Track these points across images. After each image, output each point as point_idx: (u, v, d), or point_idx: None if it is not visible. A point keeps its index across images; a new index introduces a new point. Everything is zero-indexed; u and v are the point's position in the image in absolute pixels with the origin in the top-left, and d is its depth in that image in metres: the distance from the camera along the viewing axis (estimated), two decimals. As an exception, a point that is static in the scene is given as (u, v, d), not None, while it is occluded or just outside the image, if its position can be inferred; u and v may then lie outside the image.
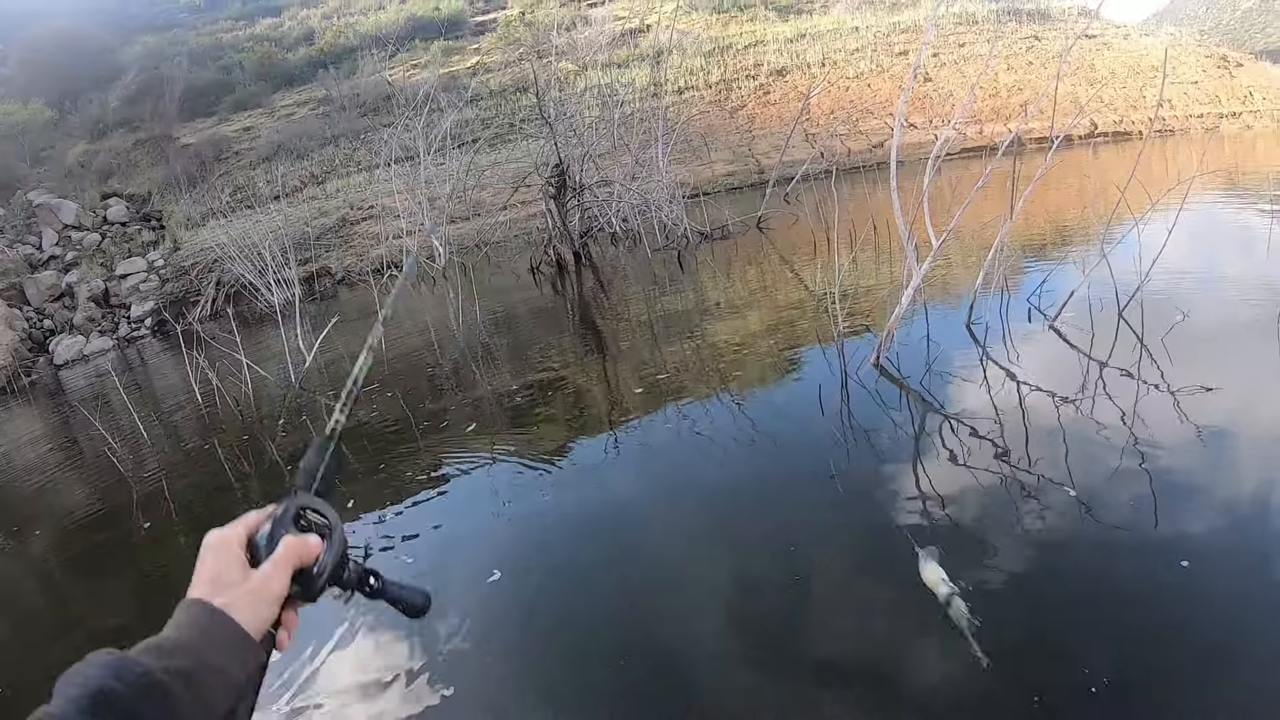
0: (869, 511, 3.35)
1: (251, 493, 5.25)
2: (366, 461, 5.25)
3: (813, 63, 24.51)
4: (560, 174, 11.33)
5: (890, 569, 2.86)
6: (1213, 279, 5.95)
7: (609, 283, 11.05)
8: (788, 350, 5.90)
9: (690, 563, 3.28)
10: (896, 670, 2.42)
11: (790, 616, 2.76)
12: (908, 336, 5.44)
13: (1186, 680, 2.20)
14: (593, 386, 6.17)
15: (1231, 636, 2.31)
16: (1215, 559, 2.64)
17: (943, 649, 2.43)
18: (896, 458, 3.87)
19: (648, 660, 2.68)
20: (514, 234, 17.11)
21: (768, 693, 2.42)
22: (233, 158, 24.74)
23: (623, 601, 3.08)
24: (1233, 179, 11.53)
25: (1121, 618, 2.45)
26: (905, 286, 5.08)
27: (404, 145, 17.18)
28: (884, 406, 4.47)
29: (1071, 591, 2.62)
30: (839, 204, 7.08)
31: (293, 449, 5.95)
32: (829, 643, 2.61)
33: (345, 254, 19.01)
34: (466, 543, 3.89)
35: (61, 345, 17.60)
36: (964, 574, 2.67)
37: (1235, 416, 3.59)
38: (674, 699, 2.47)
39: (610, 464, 4.42)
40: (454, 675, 2.74)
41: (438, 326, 9.51)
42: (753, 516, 3.54)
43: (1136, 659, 2.27)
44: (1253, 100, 23.65)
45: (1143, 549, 2.74)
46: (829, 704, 2.34)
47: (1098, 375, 4.39)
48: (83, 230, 21.88)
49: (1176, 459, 3.29)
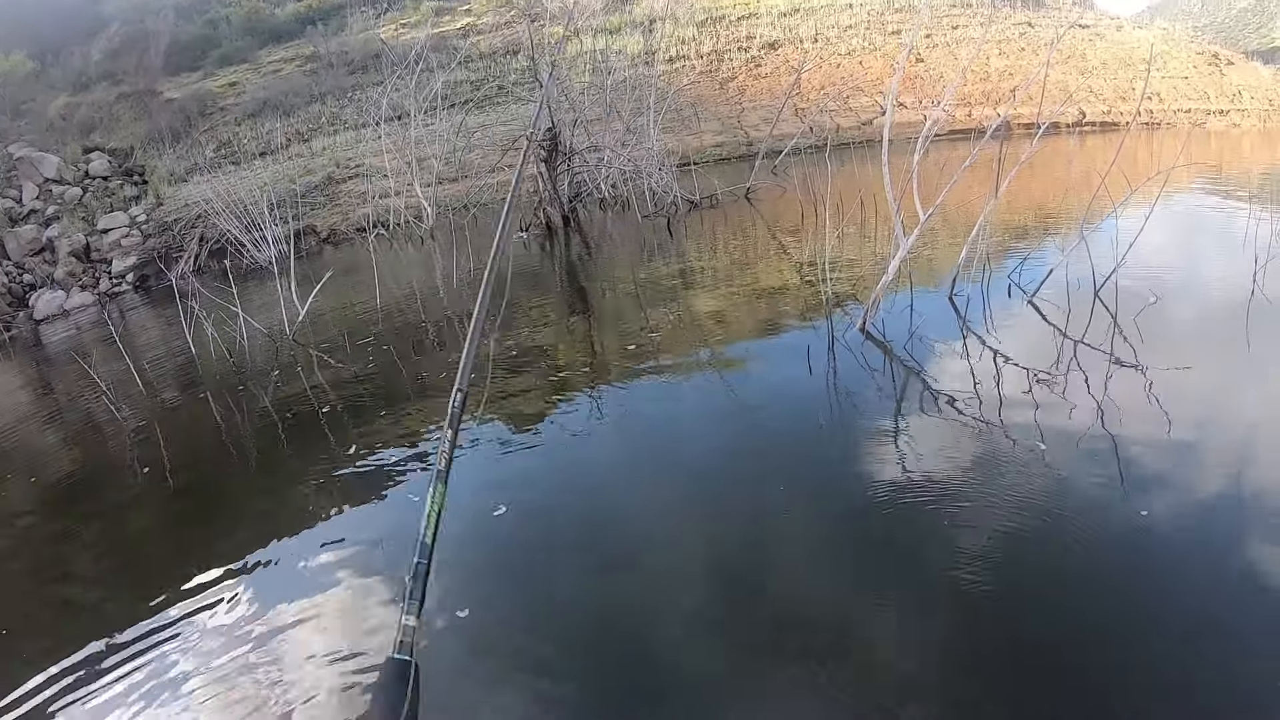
0: (853, 462, 3.54)
1: (245, 441, 5.35)
2: (376, 409, 5.36)
3: (805, 38, 24.45)
4: (552, 137, 11.35)
5: (868, 520, 3.05)
6: (1186, 265, 6.17)
7: (599, 247, 11.14)
8: (777, 314, 6.07)
9: (678, 506, 3.45)
10: (872, 622, 2.60)
11: (772, 562, 2.95)
12: (892, 306, 5.62)
13: (1138, 620, 2.40)
14: (584, 344, 6.31)
15: (1178, 573, 2.53)
16: (1171, 515, 2.85)
17: (921, 600, 2.62)
18: (879, 415, 4.06)
19: (633, 597, 2.85)
20: (500, 197, 17.08)
21: (742, 639, 2.60)
22: (218, 113, 24.31)
23: (612, 544, 3.25)
24: (1215, 173, 11.77)
25: (1084, 563, 2.64)
26: (892, 257, 5.25)
27: (393, 105, 17.01)
28: (869, 369, 4.67)
29: (1037, 542, 2.80)
30: (828, 178, 7.20)
31: (286, 398, 6.04)
32: (801, 586, 2.80)
33: (331, 213, 18.86)
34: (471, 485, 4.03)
35: (42, 300, 17.37)
36: (937, 527, 2.86)
37: (1199, 393, 3.81)
38: (657, 636, 2.64)
39: (603, 416, 4.57)
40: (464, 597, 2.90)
41: (422, 287, 9.58)
42: (744, 464, 3.73)
43: (1095, 603, 2.48)
44: (1241, 99, 23.91)
45: (1105, 502, 2.94)
46: (800, 650, 2.52)
47: (1071, 350, 4.59)
48: (64, 184, 21.47)
49: (1138, 426, 3.49)
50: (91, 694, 2.77)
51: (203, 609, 3.21)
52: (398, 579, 3.16)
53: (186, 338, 7.62)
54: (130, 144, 23.24)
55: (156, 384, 7.29)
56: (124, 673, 2.86)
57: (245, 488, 4.72)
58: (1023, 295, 5.67)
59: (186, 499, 4.61)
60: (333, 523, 3.83)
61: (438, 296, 8.98)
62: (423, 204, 14.72)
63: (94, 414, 6.73)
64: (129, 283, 18.39)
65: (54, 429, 6.81)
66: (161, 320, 12.55)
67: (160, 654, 2.95)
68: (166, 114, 23.76)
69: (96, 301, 17.54)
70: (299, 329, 7.84)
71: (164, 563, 3.81)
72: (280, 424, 5.49)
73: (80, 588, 3.82)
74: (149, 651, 2.97)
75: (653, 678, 2.45)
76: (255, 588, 3.32)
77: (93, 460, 5.69)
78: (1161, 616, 2.40)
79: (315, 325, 8.40)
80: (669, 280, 7.92)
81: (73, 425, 6.75)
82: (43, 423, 7.15)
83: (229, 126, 23.39)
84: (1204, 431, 3.43)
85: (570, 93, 12.89)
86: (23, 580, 3.99)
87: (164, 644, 3.01)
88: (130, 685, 2.78)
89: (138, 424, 6.03)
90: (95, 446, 5.99)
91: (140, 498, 4.74)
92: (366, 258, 12.95)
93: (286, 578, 3.39)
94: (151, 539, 4.23)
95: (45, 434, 6.66)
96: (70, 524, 4.60)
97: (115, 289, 18.19)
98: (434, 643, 2.68)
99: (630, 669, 2.51)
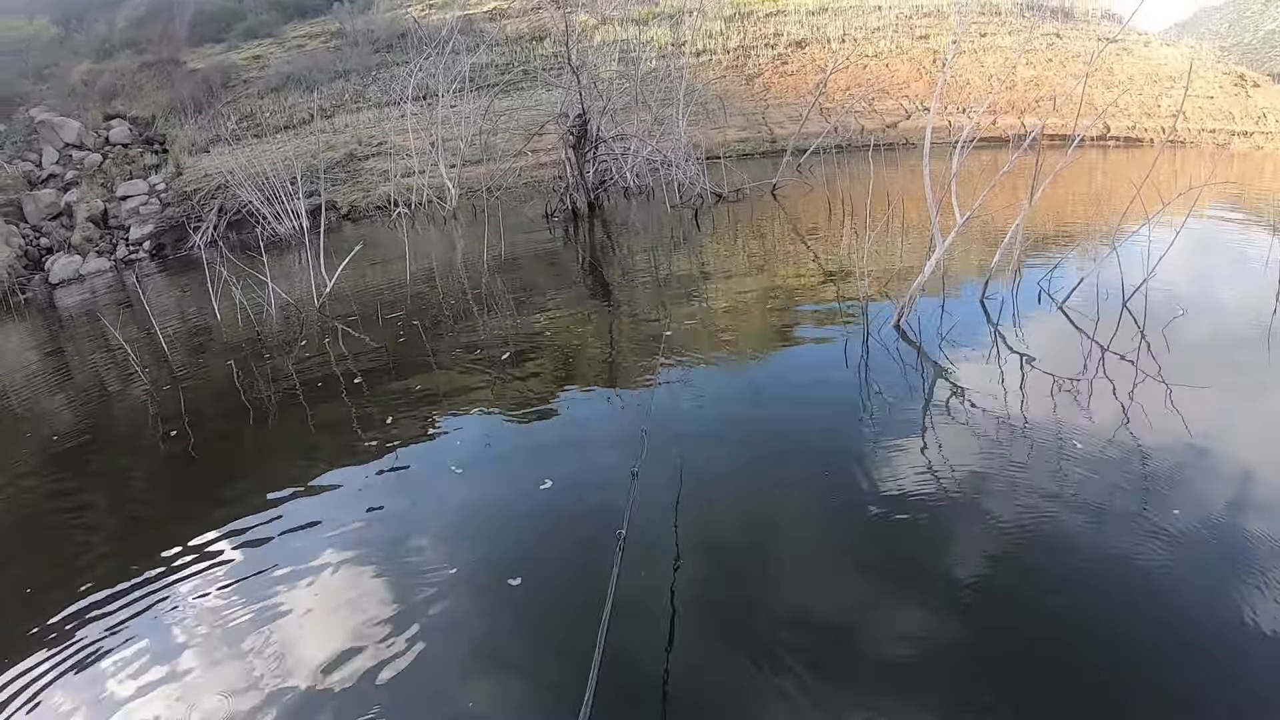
0: (888, 451, 3.58)
1: (266, 407, 5.36)
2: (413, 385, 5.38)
3: (833, 38, 24.35)
4: (582, 124, 11.35)
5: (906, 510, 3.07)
6: (1213, 282, 6.18)
7: (629, 236, 11.16)
8: (811, 308, 6.15)
9: (724, 477, 3.53)
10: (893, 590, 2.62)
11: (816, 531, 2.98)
12: (924, 306, 5.63)
13: (1143, 611, 2.45)
14: (631, 327, 6.37)
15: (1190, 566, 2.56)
16: (1196, 521, 2.86)
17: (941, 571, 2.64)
18: (909, 410, 4.09)
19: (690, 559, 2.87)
20: (523, 181, 17.10)
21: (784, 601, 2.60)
22: (240, 86, 24.31)
23: (661, 513, 3.27)
24: (1240, 194, 11.72)
25: (1100, 557, 2.68)
26: (928, 257, 5.25)
27: (419, 84, 17.00)
28: (902, 365, 4.70)
29: (1055, 542, 2.83)
30: (854, 179, 7.23)
31: (308, 366, 6.07)
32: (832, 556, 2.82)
33: (351, 189, 18.86)
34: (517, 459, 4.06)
35: (58, 264, 17.41)
36: (957, 522, 2.92)
37: (1221, 408, 3.83)
38: (706, 598, 2.66)
39: (654, 396, 4.60)
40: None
41: (444, 266, 9.59)
42: (787, 445, 3.80)
43: (1104, 594, 2.52)
44: (1266, 122, 23.73)
45: (1129, 511, 2.96)
46: (830, 614, 2.54)
47: (1099, 357, 4.60)
48: (84, 150, 21.52)
49: (1160, 436, 3.51)
50: (92, 648, 2.83)
51: (218, 560, 3.27)
52: (401, 549, 3.22)
53: (212, 304, 7.66)
54: (152, 113, 23.27)
55: (179, 348, 7.31)
56: (129, 624, 2.93)
57: (262, 451, 4.74)
58: (1052, 302, 5.67)
59: (202, 459, 4.63)
60: (346, 491, 3.85)
61: (459, 275, 9.00)
62: (447, 184, 14.72)
63: (113, 374, 6.76)
64: (146, 250, 18.43)
65: (72, 388, 6.84)
66: (177, 288, 12.61)
67: (164, 604, 3.02)
68: (189, 84, 23.78)
69: (113, 268, 17.59)
70: (325, 300, 7.86)
71: (169, 520, 3.83)
72: (300, 392, 5.52)
73: (99, 537, 3.84)
74: (150, 598, 3.05)
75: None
76: (256, 552, 3.37)
77: (112, 418, 5.72)
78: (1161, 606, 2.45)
79: (336, 298, 8.42)
80: (706, 271, 7.99)
81: (91, 385, 6.79)
82: (61, 382, 7.17)
83: (251, 99, 23.40)
84: (1228, 444, 3.44)
85: (599, 82, 12.88)
86: (46, 522, 4.02)
87: (171, 594, 3.07)
88: (134, 638, 2.85)
89: (160, 386, 6.06)
90: (116, 405, 6.02)
91: (159, 456, 4.76)
92: (386, 235, 12.97)
93: (292, 542, 3.42)
94: (165, 494, 4.25)
95: (62, 392, 6.69)
96: (81, 482, 4.64)
97: (132, 256, 18.23)
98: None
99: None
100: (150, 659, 2.74)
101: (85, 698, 2.60)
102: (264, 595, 3.00)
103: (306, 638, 2.73)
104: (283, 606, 2.92)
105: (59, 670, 2.74)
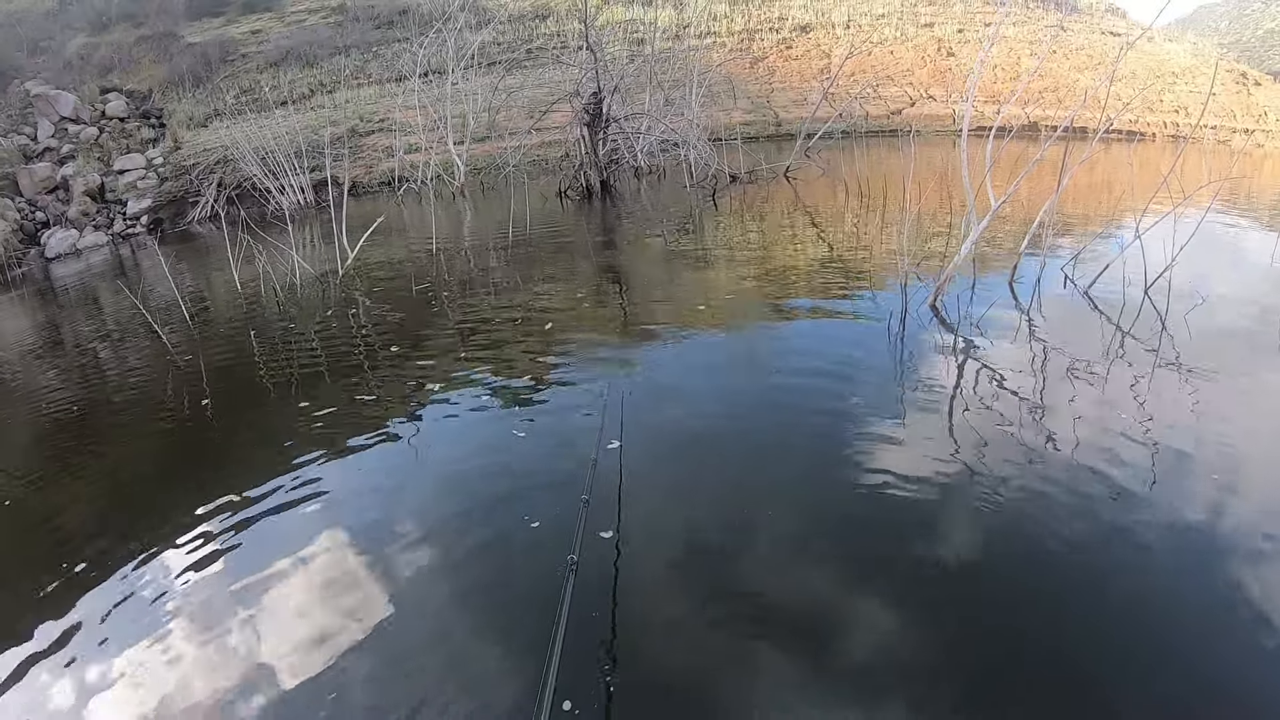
0: (925, 428, 3.63)
1: (294, 379, 5.30)
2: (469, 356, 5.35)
3: (837, 23, 24.27)
4: (597, 102, 11.28)
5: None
6: (1232, 272, 6.26)
7: (653, 213, 11.14)
8: (848, 286, 6.22)
9: (768, 446, 3.56)
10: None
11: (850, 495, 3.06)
12: (956, 286, 5.71)
13: (1152, 587, 2.50)
14: (671, 299, 6.41)
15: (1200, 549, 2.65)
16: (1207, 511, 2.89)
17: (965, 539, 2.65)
18: (943, 387, 4.14)
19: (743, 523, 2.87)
20: (529, 159, 16.99)
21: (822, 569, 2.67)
22: (239, 60, 24.02)
23: (711, 478, 3.32)
24: (1250, 190, 11.81)
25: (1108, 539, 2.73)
26: (964, 239, 5.29)
27: (426, 61, 16.84)
28: (937, 343, 4.76)
29: (1066, 524, 2.84)
30: (861, 163, 7.30)
31: (332, 332, 6.04)
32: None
33: (354, 165, 18.71)
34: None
35: (54, 238, 17.19)
36: (972, 499, 2.99)
37: (1235, 393, 3.90)
38: (755, 567, 2.68)
39: (703, 365, 4.75)
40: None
41: (451, 242, 9.54)
42: (828, 417, 3.83)
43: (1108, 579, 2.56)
44: (1266, 120, 23.86)
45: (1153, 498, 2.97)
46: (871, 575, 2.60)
47: (1120, 341, 4.65)
48: (80, 124, 21.22)
49: (1181, 423, 3.52)
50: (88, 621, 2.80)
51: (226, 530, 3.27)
52: (405, 525, 3.18)
53: (233, 273, 7.59)
54: (149, 86, 22.97)
55: (193, 320, 7.23)
56: (132, 595, 2.91)
57: (276, 421, 4.67)
58: (1076, 287, 5.73)
59: (221, 427, 4.60)
60: (354, 466, 3.81)
61: (467, 251, 8.95)
62: (455, 161, 14.61)
63: (141, 349, 6.69)
64: (143, 225, 18.23)
65: (65, 361, 6.77)
66: (175, 260, 12.43)
67: (161, 573, 3.01)
68: (187, 58, 23.47)
69: (110, 242, 17.39)
70: (341, 273, 7.80)
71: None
72: (311, 363, 5.49)
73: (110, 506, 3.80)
74: (150, 562, 3.08)
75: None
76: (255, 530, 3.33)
77: (141, 386, 5.66)
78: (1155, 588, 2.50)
79: (348, 271, 8.37)
80: (735, 250, 8.07)
81: (102, 355, 6.71)
82: (72, 351, 7.09)
83: (250, 74, 23.13)
84: (1241, 432, 3.45)
85: (615, 61, 12.82)
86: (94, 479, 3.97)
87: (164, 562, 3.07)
88: (131, 611, 2.82)
89: (183, 356, 6.00)
90: (138, 376, 5.96)
91: (182, 423, 4.71)
92: (390, 210, 12.86)
93: (280, 524, 3.35)
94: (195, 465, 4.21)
95: (80, 360, 6.62)
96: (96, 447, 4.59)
97: (129, 230, 18.04)
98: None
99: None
100: (141, 630, 2.71)
101: (64, 675, 2.55)
102: (247, 579, 2.95)
103: (293, 618, 2.69)
104: (268, 589, 2.87)
105: (41, 645, 2.71)
